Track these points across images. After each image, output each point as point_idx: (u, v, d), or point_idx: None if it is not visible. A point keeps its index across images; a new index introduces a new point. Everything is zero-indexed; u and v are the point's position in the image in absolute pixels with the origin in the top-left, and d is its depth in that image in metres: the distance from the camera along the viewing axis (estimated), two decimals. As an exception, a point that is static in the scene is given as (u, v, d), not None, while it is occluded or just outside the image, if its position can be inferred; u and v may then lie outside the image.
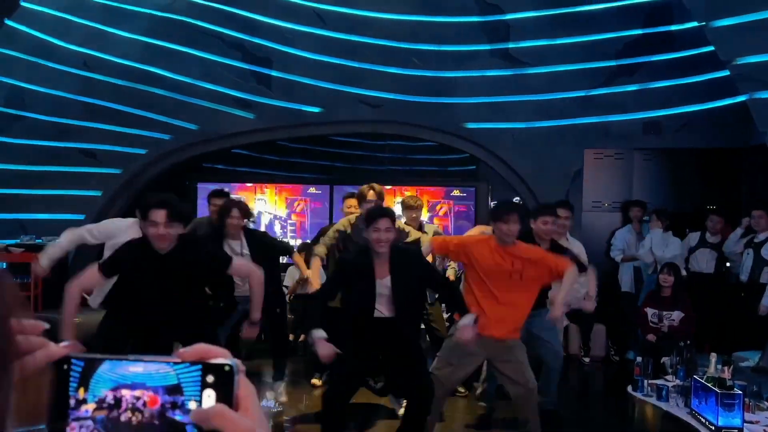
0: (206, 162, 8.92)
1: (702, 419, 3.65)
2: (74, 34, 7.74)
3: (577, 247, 5.00)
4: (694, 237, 6.53)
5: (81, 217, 7.53)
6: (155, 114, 7.80)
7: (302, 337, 6.64)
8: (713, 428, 3.52)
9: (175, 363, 0.57)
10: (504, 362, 3.89)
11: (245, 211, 4.62)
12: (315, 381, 5.52)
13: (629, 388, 4.35)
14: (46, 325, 0.58)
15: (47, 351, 0.56)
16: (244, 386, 0.58)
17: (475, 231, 4.71)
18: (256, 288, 3.41)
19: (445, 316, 6.21)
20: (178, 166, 8.09)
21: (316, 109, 7.79)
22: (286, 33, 7.75)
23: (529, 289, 3.86)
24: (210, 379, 0.57)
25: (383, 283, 3.60)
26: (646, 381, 4.21)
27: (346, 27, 7.68)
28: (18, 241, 7.26)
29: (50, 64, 7.69)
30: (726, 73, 6.29)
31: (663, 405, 4.04)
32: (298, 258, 5.16)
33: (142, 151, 7.82)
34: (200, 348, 0.59)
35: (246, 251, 4.56)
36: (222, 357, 0.58)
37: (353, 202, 5.35)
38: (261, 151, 9.27)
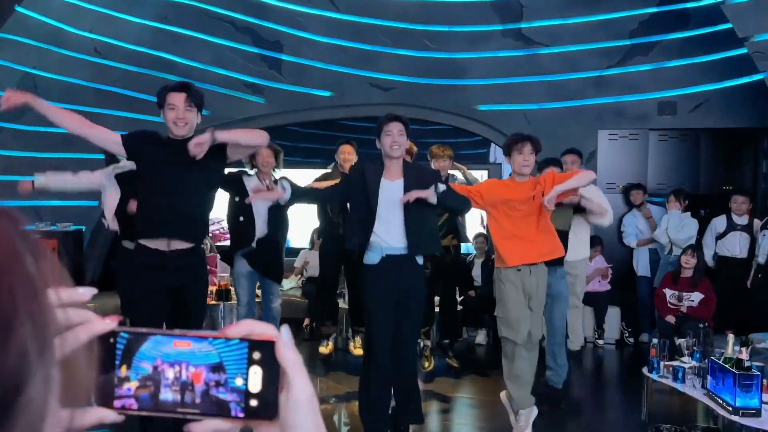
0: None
1: (719, 400, 3.63)
2: (85, 20, 7.73)
3: (593, 192, 5.09)
4: (720, 221, 6.30)
5: (95, 203, 7.58)
6: (166, 100, 7.80)
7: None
8: (730, 409, 3.49)
9: (218, 340, 0.57)
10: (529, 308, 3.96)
11: (275, 150, 4.84)
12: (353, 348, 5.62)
13: (644, 370, 4.32)
14: (93, 291, 0.55)
15: (90, 327, 0.54)
16: (291, 360, 0.57)
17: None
18: (257, 138, 3.40)
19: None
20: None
21: (326, 93, 7.75)
22: (297, 16, 7.70)
23: (545, 213, 3.92)
24: (256, 356, 0.56)
25: (395, 185, 3.45)
26: (662, 362, 4.18)
27: (356, 9, 7.61)
28: (34, 228, 7.33)
29: (61, 51, 7.70)
30: (744, 50, 6.17)
31: (679, 386, 4.01)
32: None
33: (154, 137, 7.85)
34: (246, 325, 0.58)
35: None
36: (268, 333, 0.57)
37: (348, 148, 5.33)
38: (272, 137, 9.24)
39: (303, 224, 6.92)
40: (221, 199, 4.26)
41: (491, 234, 4.12)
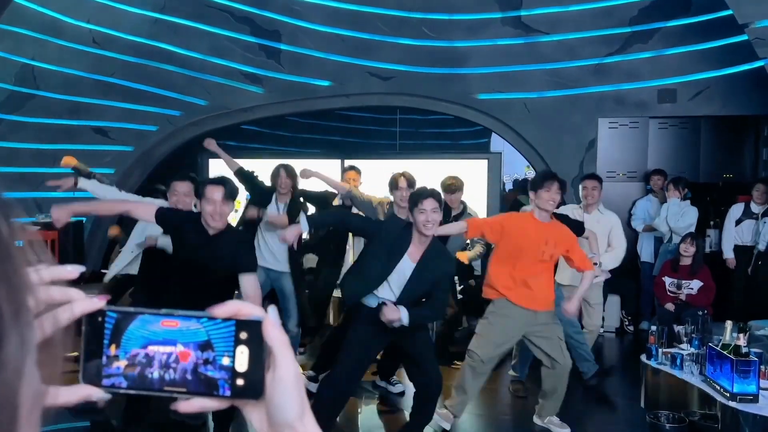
0: (218, 139, 8.90)
1: (717, 386, 3.64)
2: (83, 10, 7.71)
3: (611, 221, 5.11)
4: (737, 208, 6.27)
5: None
6: (165, 90, 7.79)
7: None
8: (728, 395, 3.51)
9: (205, 318, 0.57)
10: (541, 338, 3.97)
11: (292, 173, 5.03)
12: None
13: (643, 357, 4.34)
14: (81, 269, 0.55)
15: (78, 305, 0.54)
16: (277, 340, 0.57)
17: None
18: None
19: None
20: (190, 142, 8.10)
21: (325, 83, 7.73)
22: (295, 5, 7.66)
23: (551, 266, 3.99)
24: (243, 335, 0.57)
25: (407, 266, 3.51)
26: (660, 349, 4.19)
27: (355, -2, 7.58)
28: (34, 219, 7.33)
29: (60, 42, 7.68)
30: (744, 37, 6.14)
31: (677, 373, 4.02)
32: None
33: (154, 128, 7.84)
34: (233, 305, 0.58)
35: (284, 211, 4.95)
36: (255, 314, 0.57)
37: (353, 174, 5.61)
38: (272, 127, 9.25)
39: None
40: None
41: (491, 260, 4.09)
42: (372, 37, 7.60)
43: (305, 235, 3.63)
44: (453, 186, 5.14)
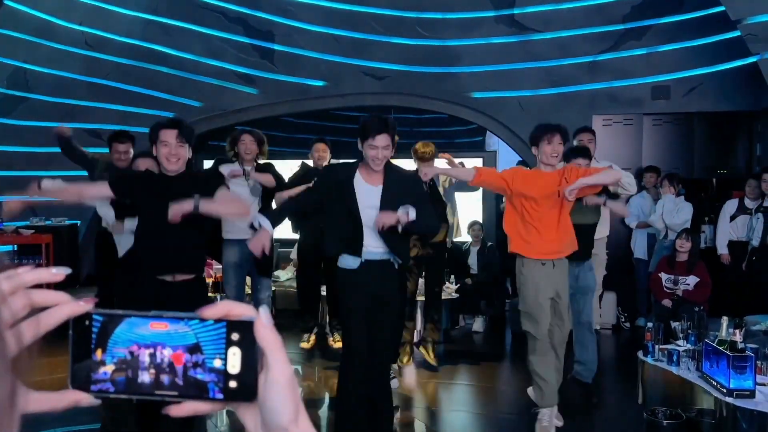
0: (212, 140, 8.89)
1: (713, 382, 3.64)
2: (75, 13, 7.68)
3: (606, 164, 5.09)
4: (731, 204, 6.28)
5: (89, 197, 7.56)
6: (159, 92, 7.76)
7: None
8: (725, 391, 3.51)
9: (195, 320, 0.56)
10: (558, 300, 3.89)
11: (259, 138, 4.79)
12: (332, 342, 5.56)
13: (640, 354, 4.34)
14: (67, 271, 0.55)
15: (64, 309, 0.54)
16: (270, 341, 0.56)
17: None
18: (237, 209, 3.30)
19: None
20: (184, 144, 8.08)
21: (320, 83, 7.72)
22: (288, 5, 7.65)
23: (566, 207, 3.83)
24: (235, 336, 0.55)
25: (373, 191, 3.25)
26: (656, 346, 4.20)
27: (348, -2, 7.57)
28: (28, 222, 7.30)
29: (52, 44, 7.64)
30: (737, 33, 6.16)
31: (674, 369, 4.03)
32: None
33: (147, 130, 7.81)
34: (224, 306, 0.57)
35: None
36: (246, 314, 0.56)
37: (322, 147, 5.39)
38: (266, 128, 9.22)
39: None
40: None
41: (505, 221, 3.94)
42: (366, 37, 7.60)
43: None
44: (428, 154, 4.91)
